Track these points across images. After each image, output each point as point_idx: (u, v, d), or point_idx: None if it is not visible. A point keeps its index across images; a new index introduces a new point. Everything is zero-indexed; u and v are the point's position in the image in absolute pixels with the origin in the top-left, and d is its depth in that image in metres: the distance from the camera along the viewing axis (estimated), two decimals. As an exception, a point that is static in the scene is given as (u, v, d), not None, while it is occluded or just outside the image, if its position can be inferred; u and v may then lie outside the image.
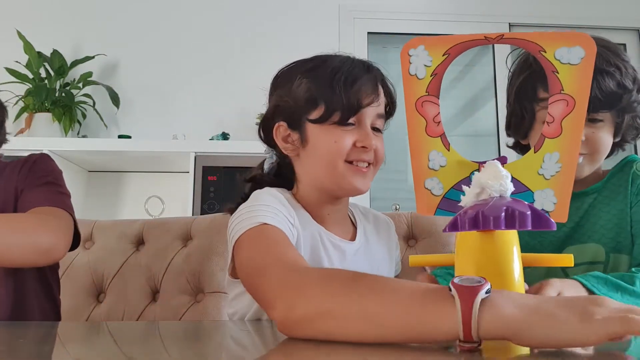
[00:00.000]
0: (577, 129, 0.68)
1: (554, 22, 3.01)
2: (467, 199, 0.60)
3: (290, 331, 0.58)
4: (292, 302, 0.58)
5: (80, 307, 1.32)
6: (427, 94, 0.73)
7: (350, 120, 0.84)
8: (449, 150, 0.74)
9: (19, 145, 2.23)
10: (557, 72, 0.68)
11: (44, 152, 1.15)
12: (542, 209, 0.69)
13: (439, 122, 0.74)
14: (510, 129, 1.03)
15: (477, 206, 0.56)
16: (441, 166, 0.74)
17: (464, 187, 0.62)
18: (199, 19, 2.91)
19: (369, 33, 3.01)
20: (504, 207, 0.54)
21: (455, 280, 0.48)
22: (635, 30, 3.15)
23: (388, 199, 2.90)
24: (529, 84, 0.95)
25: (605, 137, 0.92)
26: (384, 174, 3.04)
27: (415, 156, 0.75)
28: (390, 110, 0.94)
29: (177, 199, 2.63)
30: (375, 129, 0.88)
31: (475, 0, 3.07)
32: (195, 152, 2.42)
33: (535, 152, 0.70)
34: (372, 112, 0.86)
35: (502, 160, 0.72)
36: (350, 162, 0.85)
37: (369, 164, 0.87)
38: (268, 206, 0.80)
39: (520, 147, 1.05)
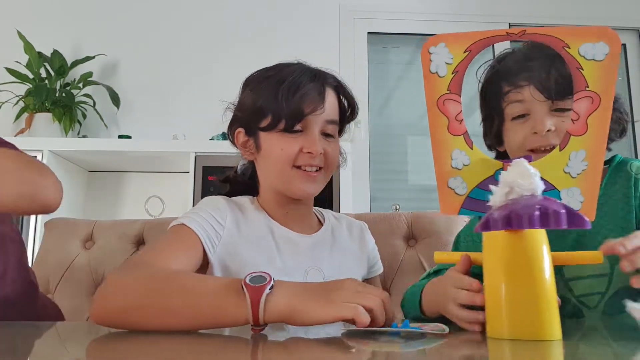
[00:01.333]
0: (603, 126, 0.67)
1: (554, 22, 3.01)
2: (496, 198, 0.59)
3: (102, 321, 0.66)
4: (106, 298, 0.67)
5: (80, 307, 1.32)
6: (448, 91, 0.73)
7: (297, 127, 0.88)
8: (472, 149, 0.73)
9: (19, 145, 2.23)
10: (582, 69, 0.67)
11: (44, 151, 1.09)
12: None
13: (462, 120, 0.73)
14: (486, 138, 1.00)
15: (509, 205, 0.55)
16: (464, 165, 0.72)
17: (491, 187, 0.61)
18: (199, 19, 2.91)
19: (369, 33, 3.01)
20: (537, 206, 0.54)
21: (247, 279, 0.61)
22: (635, 30, 3.15)
23: (388, 199, 2.90)
24: (494, 83, 0.94)
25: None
26: (384, 174, 3.06)
27: (437, 155, 0.73)
28: (350, 114, 0.97)
29: (177, 199, 2.63)
30: (326, 135, 0.92)
31: (475, 0, 3.07)
32: (195, 152, 2.42)
33: (560, 150, 0.70)
34: (319, 119, 0.90)
35: (527, 158, 0.71)
36: (299, 167, 0.89)
37: (320, 168, 0.91)
38: (200, 209, 0.88)
39: (501, 158, 1.03)
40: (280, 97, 0.87)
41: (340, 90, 0.95)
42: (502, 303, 0.56)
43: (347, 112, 0.97)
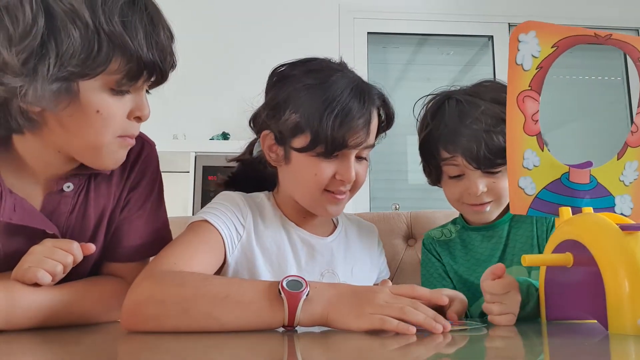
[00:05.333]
0: None
1: (554, 23, 3.01)
2: None
3: (136, 329, 0.65)
4: (141, 306, 0.66)
5: (81, 306, 1.32)
6: (529, 88, 0.72)
7: (334, 154, 0.83)
8: (542, 151, 0.74)
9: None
10: None
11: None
12: (622, 213, 0.72)
13: (537, 120, 0.73)
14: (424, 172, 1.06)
15: None
16: (535, 166, 0.74)
17: None
18: (199, 19, 2.91)
19: (369, 33, 3.01)
20: None
21: (283, 283, 0.64)
22: (635, 30, 3.15)
23: (388, 199, 2.90)
24: (431, 144, 0.97)
25: (506, 183, 0.92)
26: (384, 174, 3.06)
27: (511, 153, 0.75)
28: (385, 125, 0.94)
29: (177, 199, 2.63)
30: (359, 157, 0.87)
31: (475, 0, 3.07)
32: (195, 152, 2.42)
33: (617, 160, 0.73)
34: (356, 148, 0.85)
35: (588, 165, 0.74)
36: (328, 191, 0.86)
37: (344, 191, 0.88)
38: (224, 205, 0.86)
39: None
40: (326, 124, 0.79)
41: (383, 107, 0.90)
42: (625, 300, 0.58)
43: (383, 123, 0.93)
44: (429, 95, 1.03)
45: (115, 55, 0.66)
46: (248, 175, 0.99)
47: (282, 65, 0.91)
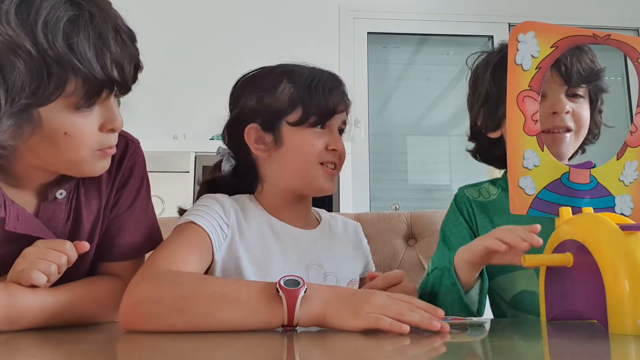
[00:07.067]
0: None
1: (554, 23, 3.01)
2: None
3: (135, 328, 0.66)
4: (139, 305, 0.67)
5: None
6: (529, 88, 0.73)
7: (325, 122, 0.91)
8: (542, 151, 0.74)
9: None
10: None
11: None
12: (622, 213, 0.72)
13: (537, 120, 0.74)
14: (477, 125, 1.03)
15: None
16: (535, 166, 0.75)
17: None
18: (199, 19, 2.91)
19: (368, 33, 3.01)
20: None
21: (281, 282, 0.65)
22: (635, 30, 3.15)
23: (388, 199, 2.90)
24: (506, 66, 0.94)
25: (587, 115, 0.91)
26: (384, 174, 3.05)
27: (511, 153, 0.75)
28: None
29: (177, 199, 2.63)
30: (339, 132, 0.95)
31: (475, 0, 3.07)
32: (195, 152, 2.42)
33: (617, 160, 0.74)
34: (339, 118, 0.93)
35: (588, 165, 0.74)
36: (321, 164, 0.91)
37: (335, 165, 0.93)
38: (207, 206, 0.88)
39: (482, 150, 1.05)
40: (316, 93, 0.89)
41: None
42: (625, 300, 0.58)
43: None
44: (483, 51, 1.06)
45: (69, 78, 0.63)
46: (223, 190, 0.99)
47: (247, 74, 1.00)
